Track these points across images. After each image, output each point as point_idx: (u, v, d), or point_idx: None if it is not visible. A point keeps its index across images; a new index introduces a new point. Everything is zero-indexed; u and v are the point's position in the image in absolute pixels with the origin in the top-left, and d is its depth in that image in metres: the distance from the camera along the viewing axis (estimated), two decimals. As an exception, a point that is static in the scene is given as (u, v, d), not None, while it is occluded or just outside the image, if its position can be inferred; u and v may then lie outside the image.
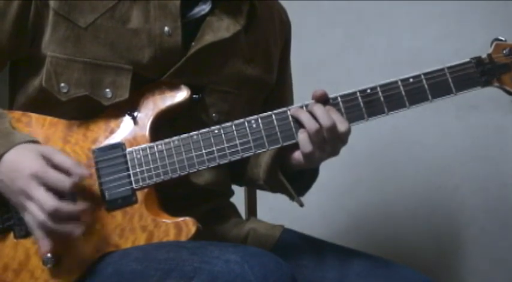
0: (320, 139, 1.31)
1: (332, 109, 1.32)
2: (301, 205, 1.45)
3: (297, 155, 1.35)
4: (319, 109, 1.31)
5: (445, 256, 2.25)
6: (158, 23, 1.35)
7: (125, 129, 1.34)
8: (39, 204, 1.22)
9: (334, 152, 1.34)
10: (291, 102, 1.60)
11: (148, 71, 1.35)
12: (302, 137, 1.32)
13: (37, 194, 1.22)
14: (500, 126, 2.17)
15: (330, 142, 1.31)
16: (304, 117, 1.31)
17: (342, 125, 1.31)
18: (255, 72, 1.48)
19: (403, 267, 1.40)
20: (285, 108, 1.33)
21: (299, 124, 1.32)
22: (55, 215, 1.22)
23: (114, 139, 1.34)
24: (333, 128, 1.30)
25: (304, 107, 1.33)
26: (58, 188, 1.23)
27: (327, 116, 1.30)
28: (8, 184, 1.25)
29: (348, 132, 1.32)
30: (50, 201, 1.22)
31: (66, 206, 1.23)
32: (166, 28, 1.35)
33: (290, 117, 1.32)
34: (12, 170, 1.25)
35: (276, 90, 1.57)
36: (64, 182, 1.24)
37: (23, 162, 1.25)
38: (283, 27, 1.59)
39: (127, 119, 1.35)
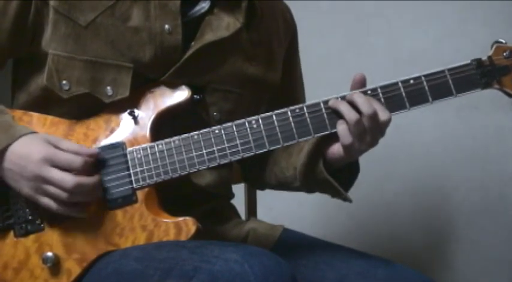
0: (361, 129, 1.30)
1: (372, 98, 1.31)
2: (350, 201, 1.44)
3: (337, 148, 1.35)
4: (360, 98, 1.30)
5: (445, 256, 2.25)
6: (159, 22, 1.35)
7: (125, 129, 1.34)
8: (59, 184, 1.24)
9: (374, 143, 1.33)
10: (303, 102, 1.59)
11: (149, 69, 1.35)
12: (342, 128, 1.31)
13: (54, 175, 1.24)
14: (500, 126, 2.18)
15: (370, 132, 1.31)
16: (344, 107, 1.30)
17: (383, 114, 1.30)
18: (257, 71, 1.47)
19: (403, 267, 1.40)
20: (285, 109, 1.33)
21: (337, 115, 1.31)
22: (77, 191, 1.24)
23: (115, 139, 1.34)
24: (375, 116, 1.29)
25: (340, 99, 1.32)
26: (70, 167, 1.25)
27: (368, 104, 1.29)
28: (18, 172, 1.26)
29: (388, 121, 1.31)
30: (69, 178, 1.24)
31: (86, 180, 1.26)
32: (166, 26, 1.35)
33: (291, 117, 1.33)
34: (21, 157, 1.26)
35: (285, 90, 1.57)
36: (75, 160, 1.25)
37: (31, 149, 1.26)
38: (287, 26, 1.59)
39: (128, 119, 1.35)
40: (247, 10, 1.44)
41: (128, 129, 1.34)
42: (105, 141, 1.34)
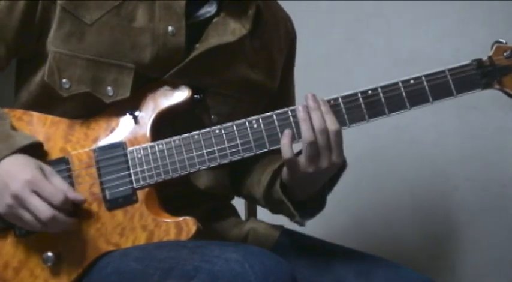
0: (312, 149, 1.28)
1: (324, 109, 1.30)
2: (302, 225, 1.44)
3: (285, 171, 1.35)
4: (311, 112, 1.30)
5: (445, 256, 2.25)
6: (162, 23, 1.35)
7: (125, 129, 1.34)
8: (33, 212, 1.23)
9: (326, 165, 1.30)
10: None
11: (150, 70, 1.35)
12: (283, 143, 1.29)
13: (32, 201, 1.23)
14: (500, 126, 2.17)
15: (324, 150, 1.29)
16: (303, 126, 1.29)
17: (331, 124, 1.29)
18: (258, 77, 1.47)
19: (403, 267, 1.40)
20: (286, 109, 1.33)
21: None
22: (50, 224, 1.24)
23: (115, 138, 1.34)
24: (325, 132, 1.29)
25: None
26: (50, 200, 1.23)
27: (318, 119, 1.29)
28: (2, 185, 1.24)
29: (336, 132, 1.29)
30: (45, 209, 1.23)
31: (62, 218, 1.25)
32: (170, 28, 1.35)
33: (291, 117, 1.32)
34: (8, 174, 1.25)
35: (278, 98, 1.56)
36: (57, 196, 1.24)
37: (20, 169, 1.25)
38: (288, 36, 1.59)
39: (128, 118, 1.35)
40: (253, 18, 1.43)
41: (128, 128, 1.35)
42: (105, 141, 1.34)
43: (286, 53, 1.58)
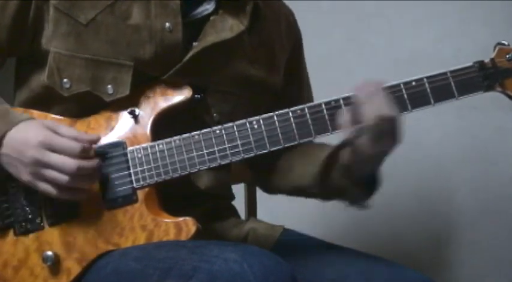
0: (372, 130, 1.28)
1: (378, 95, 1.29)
2: (367, 208, 1.43)
3: (349, 151, 1.35)
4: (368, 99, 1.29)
5: (445, 256, 2.25)
6: (159, 20, 1.35)
7: (126, 128, 1.34)
8: (59, 168, 1.23)
9: (388, 145, 1.31)
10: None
11: (149, 67, 1.35)
12: (343, 121, 1.29)
13: (53, 159, 1.23)
14: (500, 126, 2.17)
15: (380, 133, 1.28)
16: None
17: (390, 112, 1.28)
18: (258, 73, 1.47)
19: (403, 268, 1.40)
20: (287, 109, 1.33)
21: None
22: (78, 174, 1.24)
23: (115, 137, 1.34)
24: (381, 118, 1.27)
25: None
26: (69, 152, 1.24)
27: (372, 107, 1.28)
28: (16, 157, 1.25)
29: (392, 119, 1.28)
30: (70, 161, 1.23)
31: (87, 163, 1.25)
32: (167, 24, 1.35)
33: (292, 118, 1.32)
34: (19, 143, 1.25)
35: (289, 93, 1.56)
36: (73, 146, 1.24)
37: (28, 134, 1.25)
38: (291, 30, 1.59)
39: (128, 118, 1.34)
40: (251, 13, 1.43)
41: (128, 128, 1.34)
42: (105, 140, 1.34)
43: (289, 49, 1.57)
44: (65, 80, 1.33)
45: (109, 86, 1.33)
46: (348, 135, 1.30)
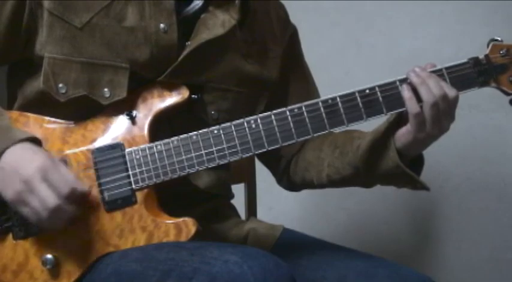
0: (435, 111, 1.30)
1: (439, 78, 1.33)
2: (428, 188, 1.44)
3: (405, 130, 1.35)
4: (430, 78, 1.32)
5: (445, 256, 2.25)
6: (153, 21, 1.34)
7: (123, 130, 1.34)
8: (42, 200, 1.21)
9: (445, 127, 1.34)
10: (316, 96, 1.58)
11: (145, 69, 1.35)
12: (408, 96, 1.32)
13: (41, 188, 1.21)
14: (500, 126, 2.17)
15: (443, 114, 1.32)
16: (423, 89, 1.31)
17: (450, 92, 1.32)
18: (253, 68, 1.47)
19: (403, 267, 1.40)
20: (284, 109, 1.33)
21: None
22: (56, 213, 1.22)
23: (113, 139, 1.33)
24: (445, 97, 1.31)
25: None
26: (60, 190, 1.22)
27: (438, 86, 1.31)
28: (9, 172, 1.23)
29: (456, 99, 1.32)
30: (54, 198, 1.21)
31: (68, 207, 1.23)
32: (161, 25, 1.35)
33: (290, 117, 1.32)
34: (20, 160, 1.23)
35: (297, 89, 1.58)
36: (66, 185, 1.22)
37: (30, 156, 1.23)
38: (283, 23, 1.58)
39: (125, 120, 1.34)
40: (240, 7, 1.43)
41: (126, 130, 1.34)
42: (103, 142, 1.33)
43: (285, 43, 1.57)
44: (61, 85, 1.32)
45: (105, 89, 1.33)
46: (416, 117, 1.32)
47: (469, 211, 2.22)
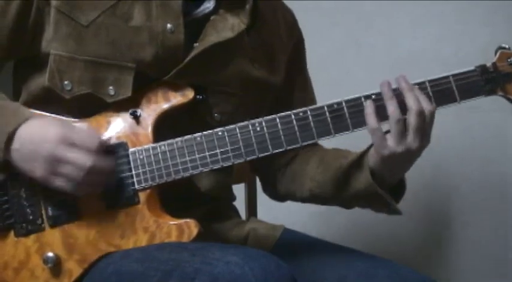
0: (400, 128, 1.29)
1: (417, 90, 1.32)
2: (400, 213, 1.43)
3: (372, 152, 1.35)
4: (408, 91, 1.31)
5: (445, 256, 2.25)
6: (160, 21, 1.34)
7: (127, 129, 1.34)
8: (76, 163, 1.23)
9: (416, 145, 1.30)
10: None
11: (151, 68, 1.34)
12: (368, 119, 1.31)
13: (71, 154, 1.23)
14: (500, 126, 2.17)
15: (414, 130, 1.29)
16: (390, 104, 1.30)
17: (428, 106, 1.30)
18: (260, 73, 1.47)
19: (403, 267, 1.40)
20: (289, 112, 1.32)
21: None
22: (93, 171, 1.23)
23: (117, 138, 1.33)
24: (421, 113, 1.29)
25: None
26: (89, 146, 1.24)
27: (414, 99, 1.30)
28: (31, 152, 1.24)
29: (430, 114, 1.30)
30: (87, 157, 1.23)
31: (103, 161, 1.25)
32: (168, 25, 1.34)
33: (295, 121, 1.32)
34: (36, 137, 1.24)
35: (296, 98, 1.58)
36: (91, 141, 1.25)
37: (47, 129, 1.25)
38: (291, 30, 1.58)
39: (130, 119, 1.34)
40: (250, 12, 1.43)
41: (130, 129, 1.34)
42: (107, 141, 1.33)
43: (290, 49, 1.57)
44: (66, 82, 1.32)
45: (110, 88, 1.33)
46: (375, 133, 1.31)
47: (469, 211, 2.22)
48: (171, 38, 1.35)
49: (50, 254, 1.29)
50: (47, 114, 1.35)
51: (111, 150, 1.31)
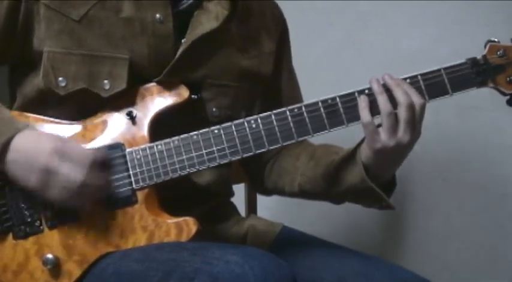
0: (392, 121, 1.30)
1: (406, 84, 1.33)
2: (393, 208, 1.43)
3: (365, 146, 1.36)
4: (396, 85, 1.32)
5: (445, 256, 2.25)
6: (150, 11, 1.35)
7: (123, 130, 1.34)
8: (68, 178, 1.22)
9: (407, 139, 1.32)
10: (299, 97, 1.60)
11: (144, 59, 1.35)
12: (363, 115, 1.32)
13: (64, 168, 1.22)
14: (500, 126, 2.17)
15: (404, 124, 1.31)
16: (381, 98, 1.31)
17: (418, 100, 1.31)
18: (250, 63, 1.48)
19: (402, 268, 1.41)
20: (284, 108, 1.33)
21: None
22: (84, 186, 1.23)
23: (113, 139, 1.34)
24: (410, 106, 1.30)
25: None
26: (82, 162, 1.23)
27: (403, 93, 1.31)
28: (25, 163, 1.24)
29: (420, 108, 1.32)
30: (79, 173, 1.23)
31: (95, 177, 1.25)
32: (157, 15, 1.35)
33: (290, 117, 1.32)
34: (31, 148, 1.24)
35: (281, 86, 1.59)
36: (86, 156, 1.24)
37: (41, 141, 1.25)
38: (277, 21, 1.59)
39: (125, 119, 1.34)
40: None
41: (126, 129, 1.34)
42: (103, 142, 1.33)
43: (277, 40, 1.57)
44: (61, 78, 1.33)
45: (105, 81, 1.33)
46: (367, 127, 1.32)
47: (469, 211, 2.22)
48: (161, 28, 1.36)
49: (49, 256, 1.29)
50: (44, 117, 1.36)
51: (107, 163, 1.31)
